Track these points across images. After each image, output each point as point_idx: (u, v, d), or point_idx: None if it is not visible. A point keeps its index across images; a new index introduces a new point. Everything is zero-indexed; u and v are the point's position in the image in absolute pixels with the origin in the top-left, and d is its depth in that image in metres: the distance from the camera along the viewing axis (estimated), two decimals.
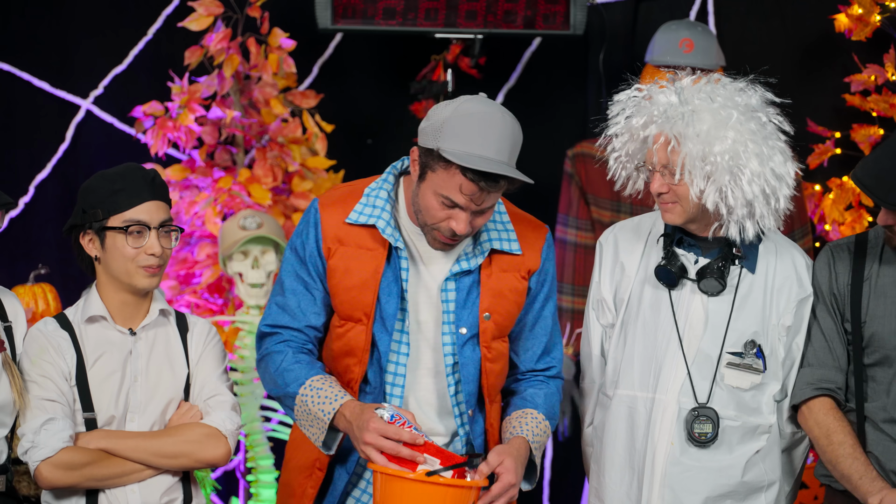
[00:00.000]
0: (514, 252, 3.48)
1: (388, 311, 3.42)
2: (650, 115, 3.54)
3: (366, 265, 3.42)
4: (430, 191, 3.32)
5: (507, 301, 3.47)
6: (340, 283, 3.44)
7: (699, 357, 3.61)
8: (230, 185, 5.41)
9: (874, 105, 5.43)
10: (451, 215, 3.31)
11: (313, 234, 3.45)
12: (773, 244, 3.69)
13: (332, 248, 3.44)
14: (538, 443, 3.46)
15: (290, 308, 3.48)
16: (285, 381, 3.42)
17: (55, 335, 3.59)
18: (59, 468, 3.48)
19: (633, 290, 3.69)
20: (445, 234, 3.34)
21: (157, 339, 3.65)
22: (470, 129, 3.25)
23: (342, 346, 3.46)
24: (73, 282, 5.31)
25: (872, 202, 3.59)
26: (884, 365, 3.61)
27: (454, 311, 3.44)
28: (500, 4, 5.40)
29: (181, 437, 3.58)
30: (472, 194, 3.28)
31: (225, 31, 5.40)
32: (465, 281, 3.45)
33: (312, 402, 3.36)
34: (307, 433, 3.41)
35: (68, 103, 5.72)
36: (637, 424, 3.63)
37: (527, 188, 6.14)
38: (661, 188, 3.55)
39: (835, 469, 3.61)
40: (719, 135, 3.48)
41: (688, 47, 4.91)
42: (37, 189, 5.70)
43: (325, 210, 3.45)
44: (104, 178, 3.61)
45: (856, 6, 5.39)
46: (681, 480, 3.58)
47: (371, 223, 3.41)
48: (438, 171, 3.30)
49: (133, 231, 3.56)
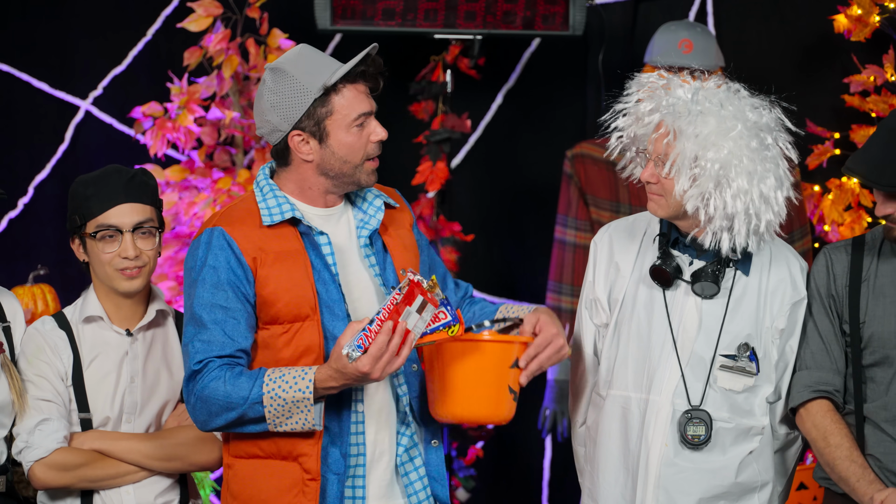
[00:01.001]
0: (394, 206, 3.58)
1: (332, 298, 3.40)
2: (659, 103, 3.55)
3: (294, 262, 3.39)
4: (341, 131, 3.41)
5: (410, 253, 3.56)
6: (278, 287, 3.37)
7: (693, 359, 3.61)
8: (229, 186, 5.41)
9: (873, 106, 5.43)
10: (369, 131, 3.44)
11: (229, 254, 3.36)
12: (767, 246, 3.68)
13: (256, 257, 3.38)
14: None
15: (216, 339, 3.32)
16: (241, 395, 3.28)
17: (52, 335, 3.58)
18: (53, 469, 3.48)
19: (628, 290, 3.69)
20: (375, 151, 3.45)
21: (155, 340, 3.65)
22: (313, 61, 3.43)
23: (294, 349, 3.38)
24: (72, 282, 5.31)
25: (869, 189, 3.59)
26: (883, 365, 3.61)
27: (380, 274, 3.48)
28: (500, 5, 5.40)
29: (175, 440, 3.58)
30: (373, 84, 3.45)
31: (224, 31, 5.40)
32: (377, 243, 3.51)
33: (282, 390, 3.26)
34: (288, 427, 3.29)
35: (67, 104, 5.72)
36: (631, 425, 3.63)
37: (525, 188, 6.15)
38: (651, 178, 3.56)
39: (832, 471, 3.61)
40: (717, 142, 3.47)
41: (687, 48, 4.92)
42: (36, 190, 5.70)
43: (233, 228, 3.39)
44: (80, 183, 3.61)
45: (855, 7, 5.39)
46: (675, 482, 3.58)
47: (288, 217, 3.41)
48: (336, 106, 3.40)
49: (104, 236, 3.54)
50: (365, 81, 3.44)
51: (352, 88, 3.42)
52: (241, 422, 3.32)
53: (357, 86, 3.43)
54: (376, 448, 3.45)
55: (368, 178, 3.47)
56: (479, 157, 5.95)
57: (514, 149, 5.96)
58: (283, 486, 3.38)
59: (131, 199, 3.56)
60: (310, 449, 3.36)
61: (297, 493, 3.37)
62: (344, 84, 3.42)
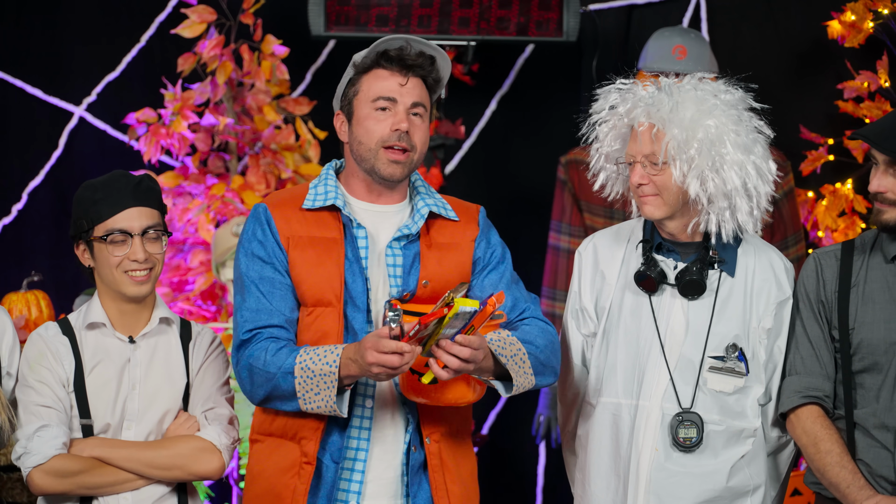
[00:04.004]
0: (450, 217, 3.57)
1: (356, 290, 3.46)
2: (635, 101, 3.57)
3: (327, 249, 3.47)
4: (363, 111, 3.49)
5: (446, 270, 3.53)
6: (304, 270, 3.47)
7: (681, 362, 3.61)
8: (223, 192, 5.41)
9: (867, 112, 5.43)
10: (393, 121, 3.47)
11: (267, 231, 3.49)
12: (751, 247, 3.70)
13: (289, 239, 3.49)
14: (500, 347, 3.42)
15: (263, 308, 3.46)
16: (278, 364, 3.37)
17: (54, 340, 3.58)
18: (51, 475, 3.48)
19: (614, 297, 3.70)
20: (392, 139, 3.47)
21: (158, 348, 3.64)
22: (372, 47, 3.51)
23: (314, 333, 3.46)
24: (66, 289, 5.31)
25: (866, 186, 3.60)
26: (872, 371, 3.61)
27: (401, 276, 3.49)
28: (493, 11, 5.40)
29: (175, 449, 3.58)
30: (399, 72, 3.48)
31: (218, 38, 5.40)
32: (411, 249, 3.51)
33: (312, 362, 3.34)
34: (315, 405, 3.36)
35: (61, 110, 5.72)
36: (622, 431, 3.63)
37: (519, 195, 6.15)
38: (642, 179, 3.57)
39: (823, 477, 3.61)
40: (701, 121, 3.53)
41: (681, 54, 4.92)
42: (30, 196, 5.70)
43: (275, 209, 3.52)
44: (87, 188, 3.61)
45: (849, 13, 5.40)
46: (666, 486, 3.58)
47: (328, 204, 3.50)
48: (362, 86, 3.50)
49: (114, 240, 3.55)
50: (397, 68, 3.50)
51: (381, 71, 3.51)
52: (276, 393, 3.40)
53: (388, 70, 3.50)
54: (380, 446, 3.47)
55: (386, 168, 3.50)
56: (474, 163, 5.95)
57: (507, 155, 5.96)
58: (283, 465, 3.47)
59: (140, 202, 3.58)
60: (311, 433, 3.44)
61: (294, 474, 3.45)
62: (377, 67, 3.51)
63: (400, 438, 3.49)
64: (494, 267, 3.60)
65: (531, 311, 3.59)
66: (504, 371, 3.43)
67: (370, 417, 3.47)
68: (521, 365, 3.43)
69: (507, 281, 3.60)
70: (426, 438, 3.48)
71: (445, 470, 3.49)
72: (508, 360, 3.41)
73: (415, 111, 3.50)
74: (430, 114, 3.58)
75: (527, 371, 3.44)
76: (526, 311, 3.58)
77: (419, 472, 3.49)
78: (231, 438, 3.61)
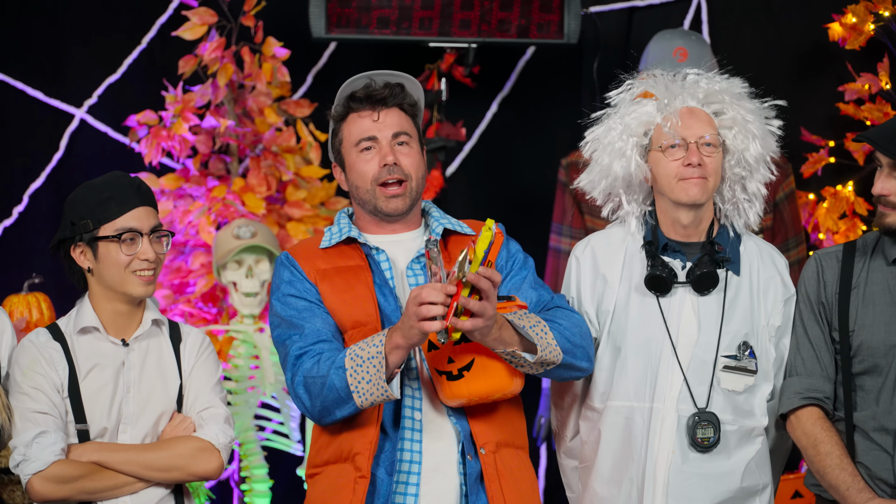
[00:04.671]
0: (465, 232, 3.62)
1: (390, 307, 3.51)
2: (669, 85, 3.68)
3: (355, 275, 3.54)
4: (351, 156, 3.58)
5: None
6: (336, 297, 3.53)
7: (694, 363, 3.61)
8: (224, 195, 5.41)
9: (868, 114, 5.43)
10: (379, 157, 3.54)
11: (295, 272, 3.56)
12: (754, 245, 3.71)
13: (316, 273, 3.56)
14: (518, 318, 3.42)
15: (309, 331, 3.49)
16: (328, 366, 3.40)
17: (47, 347, 3.58)
18: (51, 482, 3.48)
19: (619, 300, 3.69)
20: (383, 175, 3.54)
21: (150, 350, 3.64)
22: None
23: None
24: (67, 291, 5.29)
25: (870, 185, 3.61)
26: (872, 374, 3.61)
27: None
28: (494, 14, 5.41)
29: (174, 450, 3.58)
30: (371, 109, 3.56)
31: (219, 40, 5.40)
32: None
33: (360, 348, 3.37)
34: (368, 395, 3.36)
35: (62, 112, 5.72)
36: (635, 435, 3.62)
37: (520, 197, 6.16)
38: (700, 159, 3.59)
39: (822, 479, 3.61)
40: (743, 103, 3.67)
41: (682, 56, 4.92)
42: (31, 198, 5.70)
43: (296, 253, 3.61)
44: (91, 189, 3.61)
45: (849, 15, 5.40)
46: (683, 489, 3.57)
47: (344, 238, 3.58)
48: (343, 134, 3.60)
49: (126, 238, 3.56)
50: (368, 106, 3.58)
51: (354, 115, 3.59)
52: (331, 396, 3.40)
53: (359, 111, 3.59)
54: (432, 457, 3.48)
55: (387, 204, 3.57)
56: (475, 165, 5.95)
57: (508, 157, 5.96)
58: (338, 484, 3.47)
59: (145, 203, 3.60)
60: (365, 447, 3.45)
61: (349, 491, 3.45)
62: (349, 112, 3.60)
63: (453, 449, 3.49)
64: (517, 272, 3.63)
65: (557, 301, 3.61)
66: (531, 345, 3.42)
67: (420, 430, 3.48)
68: (543, 335, 3.42)
69: (529, 282, 3.62)
70: (480, 448, 3.48)
71: (502, 480, 3.49)
72: (527, 328, 3.40)
73: (399, 140, 3.57)
74: (421, 137, 3.64)
75: (550, 342, 3.43)
76: (550, 302, 3.60)
77: (477, 482, 3.49)
78: (228, 437, 3.61)
